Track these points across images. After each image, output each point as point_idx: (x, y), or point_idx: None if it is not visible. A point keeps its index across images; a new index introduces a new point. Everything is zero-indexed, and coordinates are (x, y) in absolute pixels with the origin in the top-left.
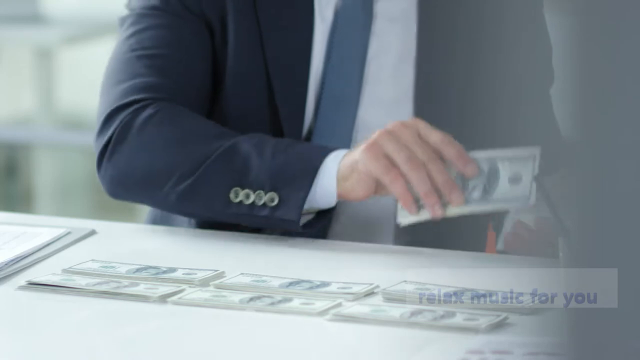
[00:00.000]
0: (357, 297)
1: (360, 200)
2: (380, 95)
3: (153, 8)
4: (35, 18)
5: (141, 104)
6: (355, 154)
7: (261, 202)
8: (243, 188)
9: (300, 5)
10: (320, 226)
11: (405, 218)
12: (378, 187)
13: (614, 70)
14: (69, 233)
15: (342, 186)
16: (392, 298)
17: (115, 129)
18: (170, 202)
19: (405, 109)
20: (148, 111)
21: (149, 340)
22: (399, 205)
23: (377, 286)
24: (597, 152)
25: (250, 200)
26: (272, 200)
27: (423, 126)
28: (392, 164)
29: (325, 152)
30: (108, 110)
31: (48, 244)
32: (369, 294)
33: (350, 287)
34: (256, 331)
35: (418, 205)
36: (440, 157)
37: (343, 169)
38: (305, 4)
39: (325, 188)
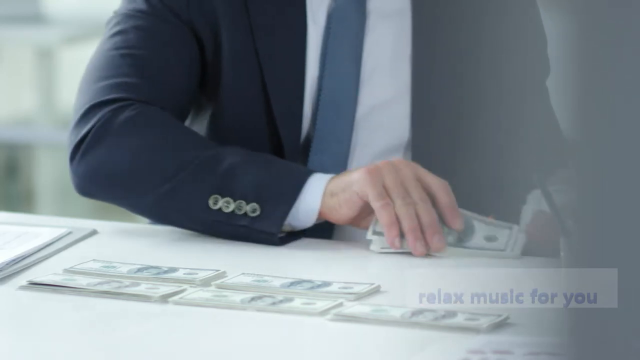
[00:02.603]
0: (359, 297)
1: (339, 222)
2: (378, 95)
3: (140, 11)
4: (35, 18)
5: (121, 103)
6: (354, 175)
7: (241, 212)
8: (223, 196)
9: (292, 10)
10: (295, 239)
11: (377, 247)
12: (358, 217)
13: (613, 69)
14: (70, 233)
15: (327, 203)
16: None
17: (94, 125)
18: (146, 204)
19: (402, 107)
20: (129, 111)
21: (150, 340)
22: (374, 236)
23: (379, 286)
24: (597, 152)
25: (230, 209)
26: (253, 210)
27: (423, 171)
28: (387, 194)
29: (310, 171)
30: (87, 105)
31: (49, 244)
32: (371, 293)
33: (352, 287)
34: (257, 331)
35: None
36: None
37: (333, 186)
38: (297, 8)
39: (308, 205)
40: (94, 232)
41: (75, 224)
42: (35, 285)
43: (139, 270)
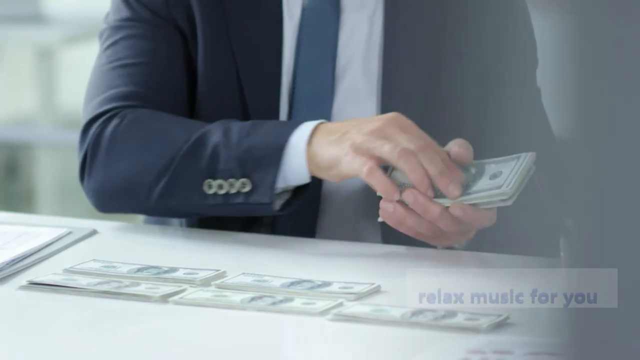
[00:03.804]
0: (359, 297)
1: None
2: (353, 88)
3: (126, 20)
4: (36, 18)
5: (110, 114)
6: (337, 151)
7: (234, 190)
8: (215, 179)
9: (267, 5)
10: (298, 205)
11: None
12: None
13: (613, 69)
14: (70, 233)
15: (314, 172)
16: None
17: (89, 144)
18: (152, 203)
19: (373, 102)
20: (115, 120)
21: (150, 340)
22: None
23: (379, 286)
24: (596, 152)
25: (224, 190)
26: (244, 186)
27: (413, 127)
28: (374, 160)
29: (290, 129)
30: (83, 124)
31: (49, 244)
32: (371, 293)
33: (352, 287)
34: (257, 331)
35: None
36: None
37: (319, 159)
38: (273, 4)
39: (295, 166)
40: (94, 232)
41: (75, 224)
42: (35, 285)
43: (139, 270)
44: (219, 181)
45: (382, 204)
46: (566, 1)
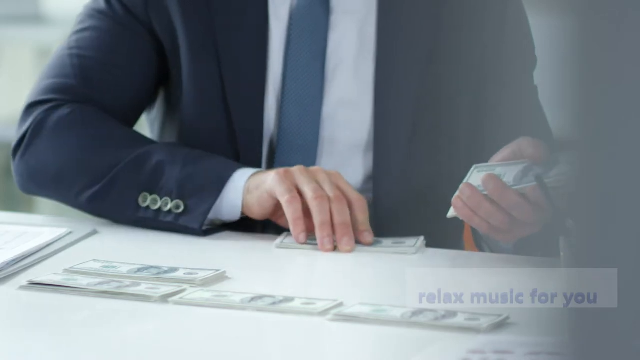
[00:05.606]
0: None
1: (257, 218)
2: (343, 91)
3: (99, 11)
4: (35, 18)
5: (56, 103)
6: (269, 174)
7: (167, 209)
8: (151, 194)
9: (253, 6)
10: (215, 232)
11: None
12: (275, 215)
13: (613, 68)
14: (70, 233)
15: (245, 199)
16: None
17: (30, 126)
18: (81, 203)
19: (366, 105)
20: (62, 110)
21: (150, 340)
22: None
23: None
24: (597, 152)
25: (157, 206)
26: (177, 207)
27: (343, 181)
28: (296, 190)
29: (234, 166)
30: (28, 103)
31: (49, 244)
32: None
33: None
34: (257, 331)
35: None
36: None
37: (251, 183)
38: (259, 5)
39: (231, 201)
40: (94, 232)
41: (75, 224)
42: (35, 285)
43: (139, 270)
44: (154, 196)
45: (459, 190)
46: (566, 1)
